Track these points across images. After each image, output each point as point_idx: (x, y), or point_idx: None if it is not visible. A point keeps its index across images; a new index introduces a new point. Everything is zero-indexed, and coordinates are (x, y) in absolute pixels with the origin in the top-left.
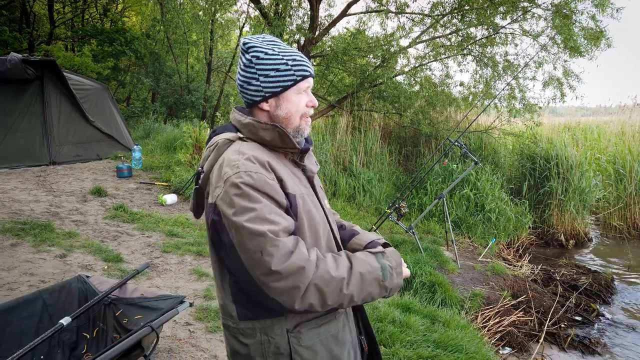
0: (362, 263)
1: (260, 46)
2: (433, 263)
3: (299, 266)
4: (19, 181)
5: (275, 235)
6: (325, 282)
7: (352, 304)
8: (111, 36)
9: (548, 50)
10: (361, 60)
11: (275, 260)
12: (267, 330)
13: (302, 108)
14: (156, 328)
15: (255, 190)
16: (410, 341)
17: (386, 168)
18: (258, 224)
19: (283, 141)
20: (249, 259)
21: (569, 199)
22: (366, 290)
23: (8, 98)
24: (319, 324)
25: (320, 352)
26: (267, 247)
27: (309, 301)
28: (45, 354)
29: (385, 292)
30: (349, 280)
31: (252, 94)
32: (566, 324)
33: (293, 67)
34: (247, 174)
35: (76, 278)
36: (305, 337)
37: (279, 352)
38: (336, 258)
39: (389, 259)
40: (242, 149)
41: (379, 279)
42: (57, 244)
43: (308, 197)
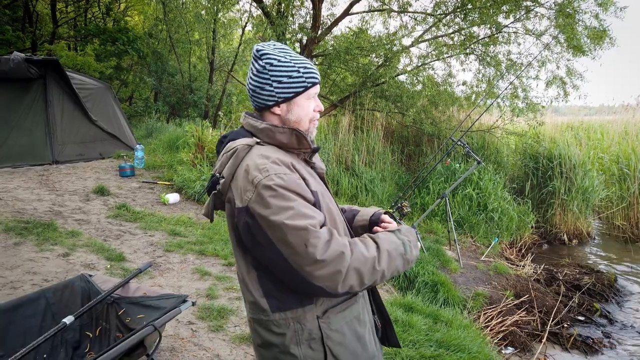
0: (386, 242)
1: (272, 53)
2: (435, 262)
3: (339, 251)
4: (22, 180)
5: (314, 228)
6: (362, 263)
7: (383, 280)
8: (114, 35)
9: (551, 50)
10: (363, 60)
11: (319, 250)
12: (300, 318)
13: (310, 112)
14: (159, 327)
15: (288, 190)
16: (412, 340)
17: (388, 167)
18: (298, 220)
19: (300, 142)
20: (292, 252)
21: (572, 198)
22: (394, 265)
23: (11, 97)
24: (344, 308)
25: (347, 334)
26: (310, 239)
27: (350, 283)
28: (48, 353)
29: (407, 265)
30: (380, 258)
31: (265, 98)
32: (569, 323)
33: (304, 75)
34: (278, 176)
35: (79, 277)
36: (333, 322)
37: (311, 338)
38: (363, 240)
39: (405, 234)
40: (265, 152)
41: (402, 253)
42: (60, 243)
43: (325, 193)
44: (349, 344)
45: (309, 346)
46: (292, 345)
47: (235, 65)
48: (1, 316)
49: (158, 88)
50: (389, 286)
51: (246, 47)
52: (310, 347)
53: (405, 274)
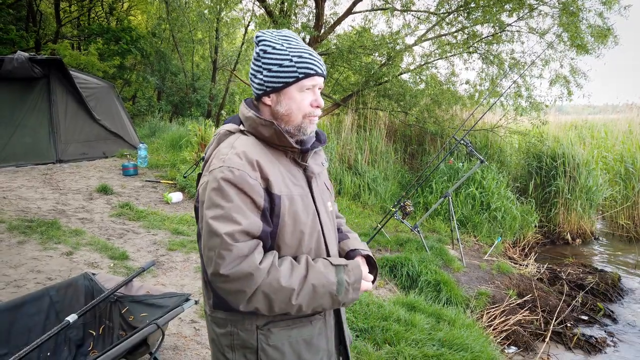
0: (318, 275)
1: (269, 40)
2: (438, 262)
3: (247, 272)
4: (26, 179)
5: (230, 239)
6: (274, 290)
7: (300, 313)
8: (117, 35)
9: (555, 48)
10: (366, 58)
11: (225, 263)
12: (237, 323)
13: (304, 106)
14: (162, 326)
15: (233, 186)
16: (415, 340)
17: (391, 166)
18: (220, 223)
19: (280, 139)
20: (206, 254)
21: (575, 197)
22: (317, 302)
23: (15, 96)
24: (291, 325)
25: (287, 354)
26: (221, 250)
27: (255, 305)
28: (51, 351)
29: (337, 305)
30: (300, 290)
31: (256, 87)
32: (572, 323)
33: (297, 64)
34: (229, 169)
35: (82, 275)
36: (274, 337)
37: (245, 346)
38: (293, 266)
39: (348, 273)
40: (236, 143)
41: (333, 293)
42: (63, 242)
43: (300, 198)
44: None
45: (243, 355)
46: (226, 347)
47: (238, 65)
48: (5, 314)
49: (161, 87)
50: (392, 285)
51: (249, 47)
52: (244, 356)
53: (407, 273)
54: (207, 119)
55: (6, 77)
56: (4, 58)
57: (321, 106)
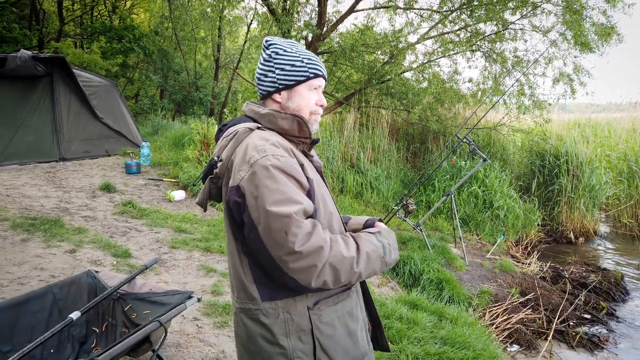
0: (367, 243)
1: (280, 44)
2: (441, 260)
3: (318, 246)
4: (29, 177)
5: (299, 216)
6: (339, 261)
7: (359, 280)
8: (120, 33)
9: (558, 46)
10: (369, 57)
11: (299, 240)
12: (290, 308)
13: (311, 105)
14: (164, 323)
15: (283, 172)
16: (417, 338)
17: (394, 165)
18: (284, 206)
19: (301, 130)
20: (272, 238)
21: (578, 196)
22: (371, 267)
23: (18, 95)
24: (336, 301)
25: (338, 328)
26: (291, 228)
27: (324, 278)
28: (55, 348)
29: (385, 267)
30: (359, 259)
31: (267, 85)
32: (575, 321)
33: (307, 65)
34: (275, 157)
35: (86, 273)
36: (324, 314)
37: (301, 329)
38: (345, 239)
39: (385, 237)
40: (265, 135)
41: (381, 256)
42: (66, 239)
43: (320, 183)
44: (340, 338)
45: (298, 338)
46: (280, 336)
47: (241, 63)
48: (9, 311)
49: (164, 85)
50: (394, 283)
51: (251, 45)
52: (299, 339)
53: (410, 271)
54: (209, 117)
55: (9, 75)
56: (7, 56)
57: (324, 105)
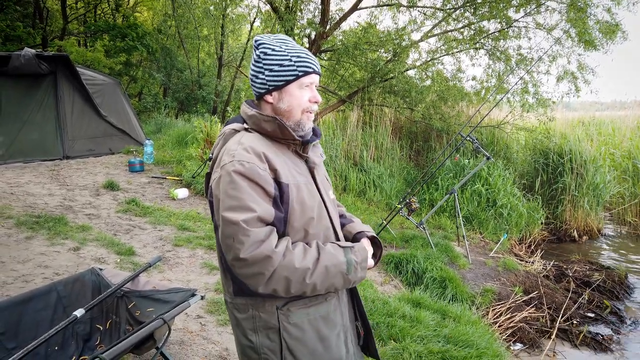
0: (329, 257)
1: (269, 43)
2: (444, 258)
3: (265, 255)
4: (33, 175)
5: (247, 225)
6: (290, 272)
7: (315, 292)
8: (123, 31)
9: (562, 44)
10: (372, 55)
11: (244, 248)
12: (258, 306)
13: (304, 103)
14: (168, 320)
15: (245, 178)
16: (420, 336)
17: (397, 163)
18: (236, 213)
19: (283, 133)
20: (224, 242)
21: (582, 194)
22: (329, 281)
23: (22, 93)
24: (309, 304)
25: (308, 331)
26: (238, 235)
27: (273, 287)
28: (59, 345)
29: (348, 284)
30: (314, 271)
31: (258, 86)
32: (578, 320)
33: (296, 63)
34: (240, 163)
35: (89, 271)
36: (294, 316)
37: (268, 327)
38: (306, 249)
39: (355, 254)
40: (243, 139)
41: (343, 272)
42: (70, 237)
43: (305, 186)
44: (308, 341)
45: (266, 335)
46: (249, 331)
47: (244, 61)
48: (13, 309)
49: (167, 84)
50: (397, 281)
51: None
52: (267, 337)
53: (413, 269)
54: (212, 115)
55: (13, 73)
56: (11, 54)
57: (319, 102)
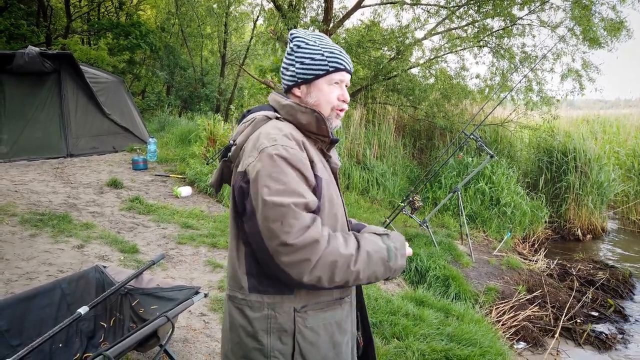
0: (369, 242)
1: (304, 37)
2: (447, 257)
3: (313, 239)
4: (37, 173)
5: (298, 208)
6: (335, 257)
7: (357, 282)
8: (127, 29)
9: (567, 42)
10: (375, 53)
11: (293, 232)
12: (276, 306)
13: (332, 99)
14: (172, 318)
15: (288, 163)
16: (423, 334)
17: (400, 161)
18: (283, 196)
19: (319, 127)
20: (268, 228)
21: (586, 193)
22: (372, 269)
23: (26, 91)
24: (325, 308)
25: (322, 336)
26: (288, 218)
27: (318, 274)
28: (63, 342)
29: (389, 273)
30: (357, 257)
31: (288, 78)
32: (582, 319)
33: (328, 58)
34: (284, 148)
35: (93, 268)
36: (310, 319)
37: (282, 329)
38: (346, 237)
39: (393, 240)
40: (280, 125)
41: (384, 259)
42: (74, 235)
43: (331, 184)
44: (322, 346)
45: (278, 337)
46: (261, 331)
47: (247, 59)
48: (17, 306)
49: (170, 82)
50: (400, 280)
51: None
52: (279, 339)
53: (416, 267)
54: (216, 113)
55: (18, 71)
56: (15, 53)
57: (347, 101)
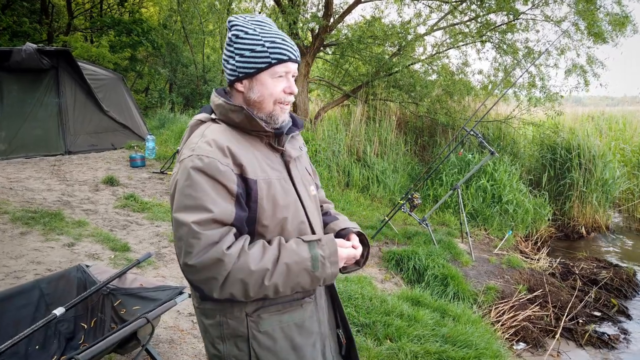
0: (290, 254)
1: (242, 25)
2: (446, 255)
3: (215, 259)
4: (34, 170)
5: (199, 227)
6: (246, 275)
7: (279, 294)
8: (128, 27)
9: (571, 37)
10: (377, 49)
11: (193, 253)
12: (226, 312)
13: (277, 93)
14: (152, 319)
15: (203, 174)
16: (418, 335)
17: (401, 158)
18: (188, 213)
19: (251, 124)
20: (176, 245)
21: (590, 190)
22: (294, 281)
23: (24, 88)
24: (282, 311)
25: (279, 340)
26: (189, 238)
27: (229, 291)
28: (40, 344)
29: (317, 282)
30: (274, 271)
31: (229, 72)
32: (584, 319)
33: (269, 50)
34: (199, 158)
35: (76, 267)
36: (265, 323)
37: (237, 335)
38: (265, 248)
39: (322, 247)
40: (207, 131)
41: (308, 269)
42: (66, 233)
43: (278, 182)
44: (280, 351)
45: (234, 344)
46: (216, 338)
47: None
48: None
49: (172, 79)
50: (398, 279)
51: None
52: (235, 346)
53: (414, 266)
54: None
55: (15, 68)
56: (13, 49)
57: (294, 92)
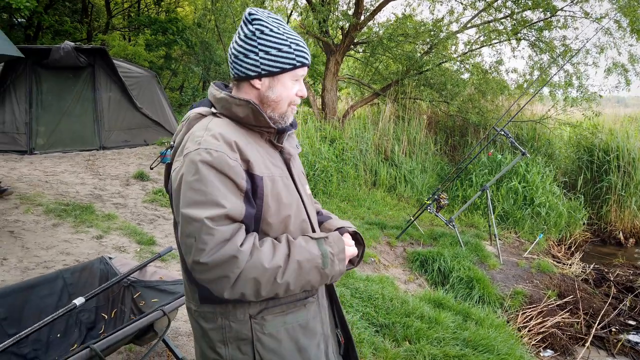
0: (301, 250)
1: (265, 20)
2: (473, 258)
3: (230, 256)
4: (70, 164)
5: (213, 223)
6: (259, 273)
7: (289, 293)
8: (164, 26)
9: (612, 34)
10: (408, 47)
11: (207, 250)
12: (229, 314)
13: (292, 95)
14: (169, 312)
15: (212, 168)
16: (438, 338)
17: (430, 158)
18: (199, 209)
19: (257, 119)
20: (184, 242)
21: (630, 194)
22: (304, 279)
23: (62, 85)
24: (286, 311)
25: (284, 341)
26: (202, 235)
27: (240, 290)
28: (61, 333)
29: (326, 280)
30: (286, 268)
31: (247, 67)
32: (617, 328)
33: (295, 51)
34: (207, 151)
35: (99, 259)
36: (269, 325)
37: (240, 338)
38: (275, 246)
39: (331, 244)
40: (211, 125)
41: (319, 267)
42: (95, 226)
43: (281, 179)
44: (285, 353)
45: (237, 347)
46: (218, 343)
47: None
48: (17, 295)
49: (205, 77)
50: (422, 280)
51: None
52: (239, 349)
53: (439, 268)
54: None
55: (54, 66)
56: (52, 47)
57: (304, 97)
